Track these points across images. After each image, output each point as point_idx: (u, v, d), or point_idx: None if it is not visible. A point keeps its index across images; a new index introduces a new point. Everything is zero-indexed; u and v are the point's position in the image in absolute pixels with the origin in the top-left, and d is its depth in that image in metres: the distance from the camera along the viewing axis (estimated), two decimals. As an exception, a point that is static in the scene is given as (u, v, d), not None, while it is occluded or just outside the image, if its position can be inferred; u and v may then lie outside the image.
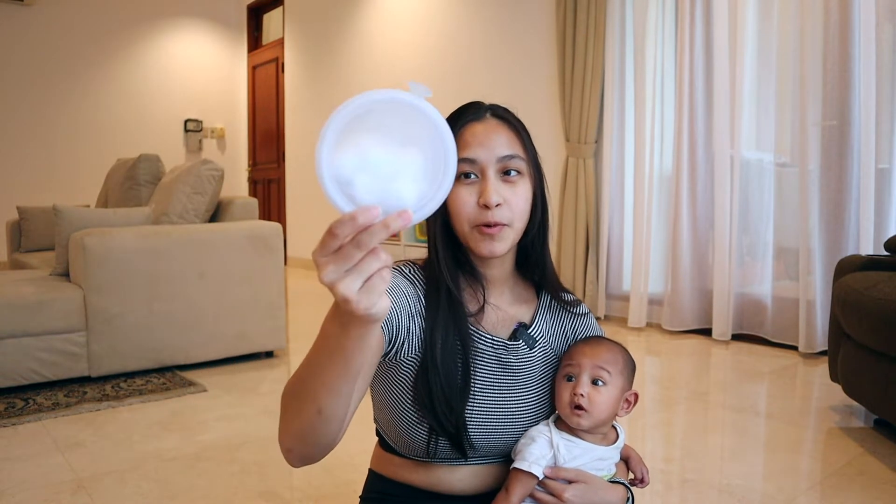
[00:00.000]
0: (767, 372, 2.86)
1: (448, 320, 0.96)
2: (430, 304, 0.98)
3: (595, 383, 0.97)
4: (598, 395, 0.96)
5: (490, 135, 0.97)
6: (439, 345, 0.95)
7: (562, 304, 1.09)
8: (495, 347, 1.01)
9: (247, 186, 7.71)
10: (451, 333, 0.96)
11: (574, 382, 0.97)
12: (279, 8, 7.14)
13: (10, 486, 1.71)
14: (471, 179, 0.95)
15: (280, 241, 3.08)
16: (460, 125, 0.98)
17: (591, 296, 3.96)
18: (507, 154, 0.96)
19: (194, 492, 1.68)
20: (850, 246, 3.04)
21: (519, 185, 0.97)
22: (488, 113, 1.00)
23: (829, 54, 3.04)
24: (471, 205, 0.94)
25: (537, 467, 0.93)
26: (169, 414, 2.30)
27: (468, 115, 0.99)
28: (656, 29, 3.73)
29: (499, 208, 0.94)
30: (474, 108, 1.00)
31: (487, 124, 0.98)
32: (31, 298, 2.54)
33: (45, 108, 6.38)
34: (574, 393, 0.96)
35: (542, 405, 1.03)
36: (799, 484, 1.74)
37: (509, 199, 0.95)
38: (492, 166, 0.95)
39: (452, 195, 0.96)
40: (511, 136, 0.99)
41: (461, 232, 0.97)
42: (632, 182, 3.87)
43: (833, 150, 3.07)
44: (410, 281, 1.00)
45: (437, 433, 0.96)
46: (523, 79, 4.44)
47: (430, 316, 0.97)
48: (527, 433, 0.99)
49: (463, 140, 0.96)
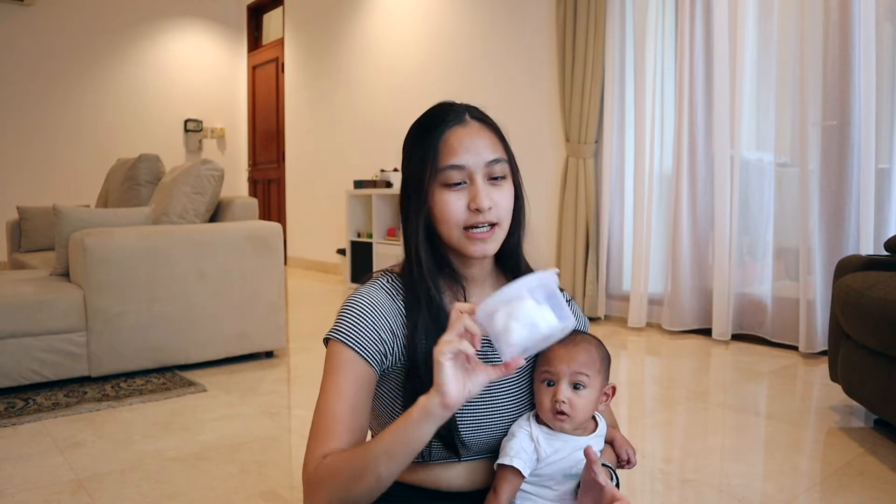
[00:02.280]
0: (767, 372, 2.86)
1: (430, 325, 0.98)
2: (411, 311, 0.99)
3: (575, 388, 0.97)
4: (580, 399, 0.97)
5: (475, 139, 0.98)
6: (423, 349, 0.96)
7: None
8: (480, 345, 1.02)
9: (247, 186, 7.71)
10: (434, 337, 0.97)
11: (554, 388, 0.98)
12: (279, 8, 7.14)
13: (10, 486, 1.71)
14: (459, 186, 0.97)
15: (280, 241, 3.08)
16: (442, 129, 0.98)
17: (591, 296, 3.96)
18: (494, 158, 0.98)
19: (194, 492, 1.68)
20: (850, 246, 3.04)
21: (504, 187, 0.99)
22: (467, 115, 1.01)
23: (829, 54, 3.04)
24: (461, 210, 0.96)
25: (518, 461, 0.95)
26: (169, 414, 2.30)
27: (449, 120, 0.99)
28: (656, 29, 3.73)
29: (490, 211, 0.96)
30: (454, 112, 1.01)
31: (470, 128, 0.99)
32: (31, 298, 2.54)
33: (45, 108, 6.38)
34: (555, 400, 0.97)
35: (531, 397, 1.04)
36: (799, 484, 1.74)
37: (498, 202, 0.97)
38: (479, 171, 0.97)
39: (441, 202, 0.97)
40: (493, 139, 1.00)
41: (449, 236, 0.98)
42: (632, 182, 3.87)
43: (833, 150, 3.07)
44: (388, 293, 1.01)
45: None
46: (523, 79, 4.44)
47: (411, 322, 0.98)
48: (510, 429, 1.01)
49: (449, 146, 0.97)
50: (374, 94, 5.81)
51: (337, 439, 0.91)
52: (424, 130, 1.00)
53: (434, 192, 0.97)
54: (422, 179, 0.98)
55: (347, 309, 0.99)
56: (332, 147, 6.38)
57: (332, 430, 0.91)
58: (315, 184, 6.62)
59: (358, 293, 1.01)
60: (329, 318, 1.09)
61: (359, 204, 5.56)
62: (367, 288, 1.02)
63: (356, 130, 6.04)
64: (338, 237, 6.17)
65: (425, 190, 0.98)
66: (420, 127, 1.02)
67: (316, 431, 0.93)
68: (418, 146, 1.00)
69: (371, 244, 5.25)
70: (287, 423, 2.23)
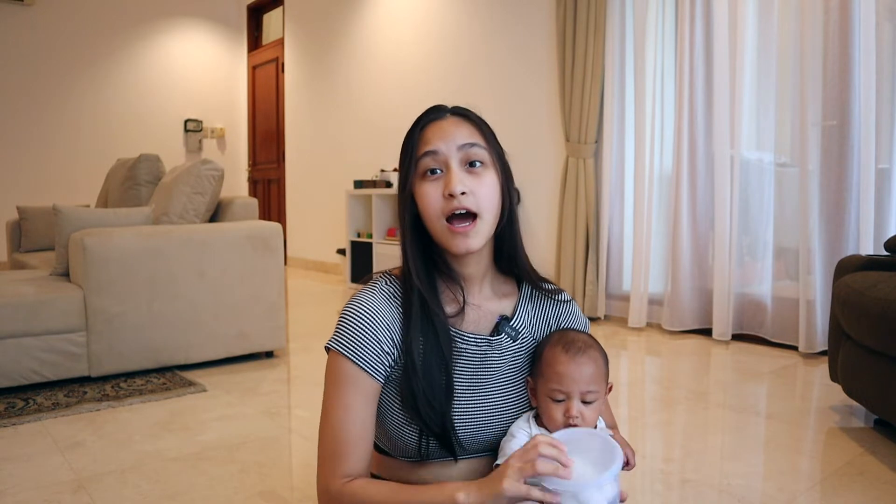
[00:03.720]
0: (767, 372, 2.86)
1: (426, 327, 0.98)
2: (407, 313, 0.99)
3: (585, 402, 0.98)
4: (591, 412, 0.98)
5: (450, 129, 0.99)
6: (419, 351, 0.97)
7: (543, 294, 1.10)
8: (478, 345, 1.02)
9: (247, 186, 7.71)
10: (430, 339, 0.98)
11: (566, 404, 0.98)
12: (279, 8, 7.14)
13: (10, 486, 1.71)
14: (436, 175, 0.98)
15: (280, 241, 3.08)
16: (422, 125, 1.01)
17: (591, 296, 3.96)
18: (467, 142, 0.98)
19: (194, 492, 1.68)
20: (850, 246, 3.04)
21: (484, 175, 0.99)
22: (449, 112, 1.03)
23: (829, 54, 3.04)
24: (437, 198, 0.97)
25: None
26: (169, 414, 2.30)
27: (430, 116, 1.02)
28: (656, 29, 3.73)
29: (464, 196, 0.96)
30: (436, 110, 1.04)
31: (448, 121, 1.01)
32: (31, 298, 2.54)
33: (45, 108, 6.38)
34: (568, 416, 0.97)
35: (525, 396, 1.05)
36: (799, 484, 1.74)
37: (475, 190, 0.97)
38: (454, 157, 0.97)
39: (421, 194, 0.98)
40: (472, 130, 1.01)
41: (434, 230, 0.99)
42: (632, 182, 3.87)
43: (833, 150, 3.07)
44: (387, 298, 1.01)
45: (426, 435, 0.98)
46: (523, 79, 4.44)
47: (407, 324, 0.98)
48: (509, 429, 1.01)
49: (424, 137, 0.99)
50: (373, 93, 5.81)
51: (354, 458, 0.95)
52: (410, 131, 1.03)
53: (416, 185, 0.99)
54: (406, 175, 1.00)
55: (347, 318, 0.99)
56: (332, 147, 6.38)
57: (347, 451, 0.95)
58: (315, 184, 6.63)
59: (357, 299, 1.01)
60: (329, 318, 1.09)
61: (359, 204, 5.56)
62: (366, 294, 1.02)
63: (356, 130, 6.04)
64: (338, 237, 6.17)
65: (409, 185, 0.99)
66: (409, 129, 1.04)
67: (331, 450, 0.95)
68: (404, 146, 1.02)
69: (371, 244, 5.25)
70: (287, 423, 2.23)
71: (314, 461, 1.89)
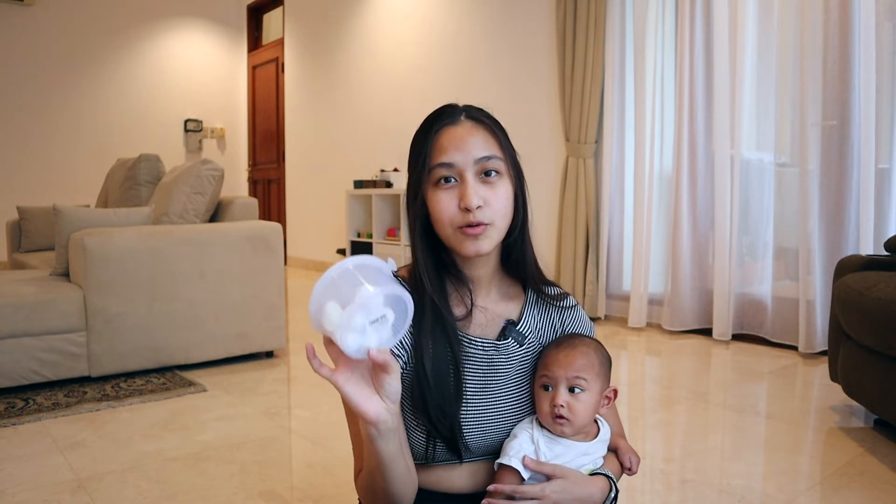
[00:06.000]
0: (767, 372, 2.86)
1: (436, 330, 0.98)
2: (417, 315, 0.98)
3: (573, 391, 0.97)
4: (578, 403, 0.96)
5: (466, 138, 0.96)
6: (429, 355, 0.96)
7: (548, 298, 1.10)
8: (485, 349, 1.01)
9: (247, 186, 7.71)
10: (440, 342, 0.98)
11: (552, 393, 0.97)
12: (279, 8, 7.14)
13: (10, 486, 1.71)
14: (450, 184, 0.96)
15: (280, 241, 3.08)
16: (436, 129, 0.98)
17: (591, 296, 3.96)
18: (485, 155, 0.96)
19: (194, 492, 1.68)
20: (850, 246, 3.04)
21: (498, 185, 0.97)
22: (463, 115, 1.00)
23: (829, 54, 3.04)
24: (452, 208, 0.95)
25: (517, 461, 0.95)
26: (169, 414, 2.30)
27: (444, 119, 0.99)
28: (656, 29, 3.73)
29: (479, 210, 0.94)
30: (449, 112, 1.00)
31: (463, 127, 0.98)
32: (31, 298, 2.54)
33: (44, 108, 6.38)
34: (553, 404, 0.96)
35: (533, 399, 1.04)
36: (799, 484, 1.74)
37: (490, 200, 0.95)
38: (469, 169, 0.95)
39: (433, 200, 0.97)
40: (487, 137, 0.98)
41: (444, 235, 0.98)
42: (632, 182, 3.87)
43: (833, 150, 3.07)
44: None
45: (434, 438, 0.97)
46: (523, 79, 4.44)
47: (416, 327, 0.97)
48: (512, 430, 1.00)
49: (439, 144, 0.97)
50: (373, 93, 5.81)
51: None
52: (422, 133, 1.00)
53: (428, 192, 0.97)
54: (418, 180, 0.98)
55: None
56: (331, 147, 6.38)
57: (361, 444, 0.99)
58: (315, 184, 6.63)
59: None
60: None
61: (359, 204, 5.56)
62: None
63: (356, 130, 6.04)
64: (338, 237, 6.17)
65: (421, 190, 0.98)
66: (419, 130, 1.02)
67: (354, 443, 1.02)
68: (415, 149, 1.00)
69: (371, 244, 5.25)
70: (287, 423, 2.23)
71: (314, 461, 1.90)
